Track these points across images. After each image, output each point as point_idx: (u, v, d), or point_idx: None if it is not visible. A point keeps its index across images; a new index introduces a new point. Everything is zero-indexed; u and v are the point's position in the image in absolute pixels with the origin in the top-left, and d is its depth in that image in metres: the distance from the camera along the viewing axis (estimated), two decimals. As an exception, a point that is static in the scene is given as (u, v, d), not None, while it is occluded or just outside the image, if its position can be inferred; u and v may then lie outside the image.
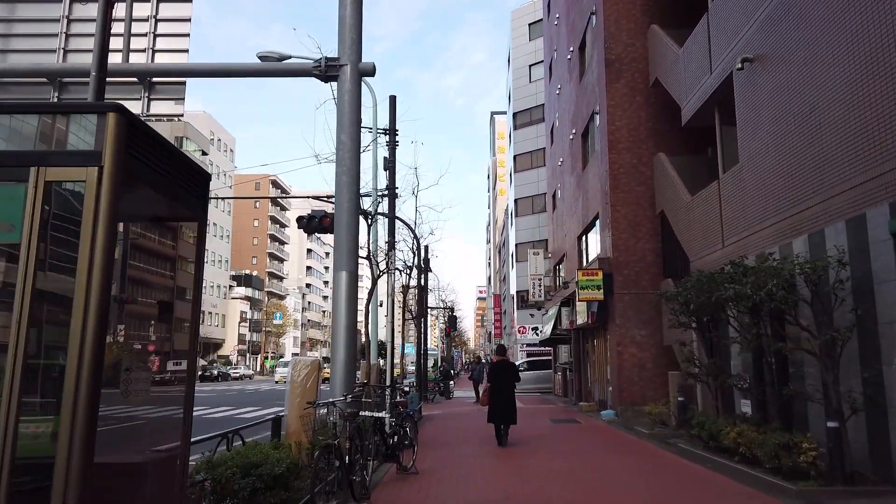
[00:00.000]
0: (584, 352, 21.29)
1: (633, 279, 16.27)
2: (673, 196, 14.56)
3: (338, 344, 8.68)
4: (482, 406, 11.99)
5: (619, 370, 15.91)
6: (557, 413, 18.65)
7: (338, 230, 9.24)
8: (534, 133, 45.94)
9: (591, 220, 19.10)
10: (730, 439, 8.48)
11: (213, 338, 77.59)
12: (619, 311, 16.13)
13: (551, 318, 24.56)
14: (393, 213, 16.87)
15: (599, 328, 18.31)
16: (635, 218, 16.48)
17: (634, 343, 15.99)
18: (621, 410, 15.64)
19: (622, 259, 16.35)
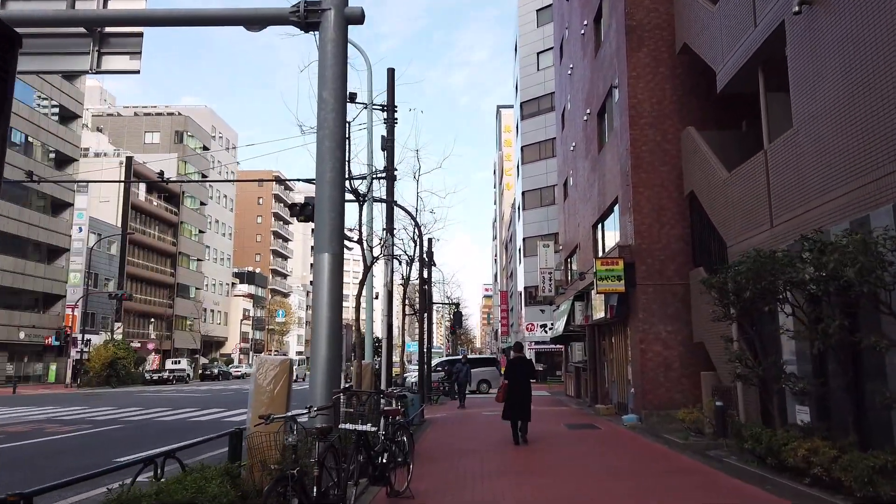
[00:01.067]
0: (600, 350, 19.66)
1: (658, 269, 14.64)
2: (705, 174, 12.92)
3: (318, 339, 7.14)
4: (498, 402, 11.89)
5: (642, 370, 14.29)
6: (572, 416, 17.03)
7: (319, 205, 7.68)
8: (542, 123, 44.29)
9: (609, 206, 17.46)
10: (798, 457, 6.86)
11: (215, 336, 76.36)
12: (642, 304, 14.51)
13: (563, 313, 22.93)
14: (391, 197, 15.31)
15: (619, 324, 16.68)
16: (659, 201, 14.85)
17: (659, 340, 14.36)
18: (645, 415, 14.02)
19: (645, 247, 14.72)
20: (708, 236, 13.35)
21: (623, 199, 15.72)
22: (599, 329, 19.57)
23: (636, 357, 14.68)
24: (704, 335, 13.03)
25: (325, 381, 7.02)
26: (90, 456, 10.41)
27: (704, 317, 12.98)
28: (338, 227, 7.64)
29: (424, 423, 16.26)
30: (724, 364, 11.82)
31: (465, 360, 23.79)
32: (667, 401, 14.05)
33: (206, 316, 74.61)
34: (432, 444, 11.75)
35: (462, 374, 21.74)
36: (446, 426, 15.56)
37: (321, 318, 7.22)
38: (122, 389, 40.22)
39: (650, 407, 14.06)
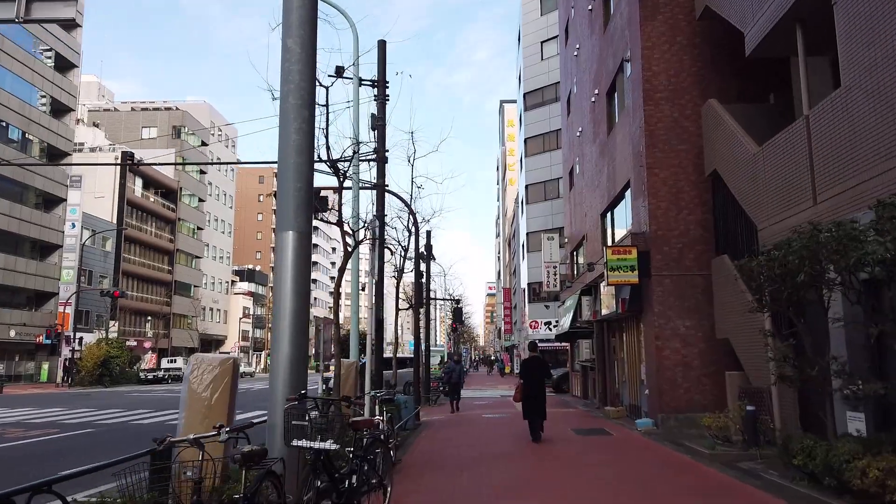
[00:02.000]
0: (609, 348, 18.30)
1: (675, 258, 13.27)
2: (731, 149, 11.55)
3: (279, 335, 5.87)
4: (515, 402, 12.29)
5: (658, 370, 12.93)
6: (580, 420, 15.68)
7: (283, 175, 6.40)
8: (546, 114, 42.90)
9: (620, 191, 16.09)
10: (868, 479, 5.51)
11: (214, 334, 75.22)
12: (658, 297, 13.15)
13: (570, 308, 21.58)
14: (381, 180, 13.98)
15: (631, 319, 15.32)
16: (677, 183, 13.47)
17: (677, 336, 13.00)
18: (661, 419, 12.67)
19: (661, 234, 13.35)
20: (733, 220, 11.98)
21: (636, 182, 14.35)
22: (609, 325, 18.21)
23: (651, 355, 13.33)
24: (730, 330, 11.66)
25: (286, 385, 5.73)
26: (18, 470, 9.11)
27: (729, 310, 11.63)
28: (304, 201, 6.34)
29: (419, 426, 14.95)
30: (753, 362, 10.47)
31: (458, 359, 21.44)
32: (686, 403, 12.69)
33: (206, 314, 73.51)
34: (424, 454, 10.42)
35: (455, 375, 19.40)
36: (443, 430, 14.24)
37: (283, 308, 5.93)
38: (114, 389, 38.97)
39: (667, 410, 12.70)
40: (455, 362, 20.50)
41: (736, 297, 11.22)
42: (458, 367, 19.99)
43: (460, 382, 20.02)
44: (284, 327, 5.87)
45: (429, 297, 25.13)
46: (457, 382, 19.44)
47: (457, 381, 19.52)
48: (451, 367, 19.95)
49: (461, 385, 20.50)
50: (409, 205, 16.07)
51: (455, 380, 19.41)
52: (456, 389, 19.34)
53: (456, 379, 19.44)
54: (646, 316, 13.76)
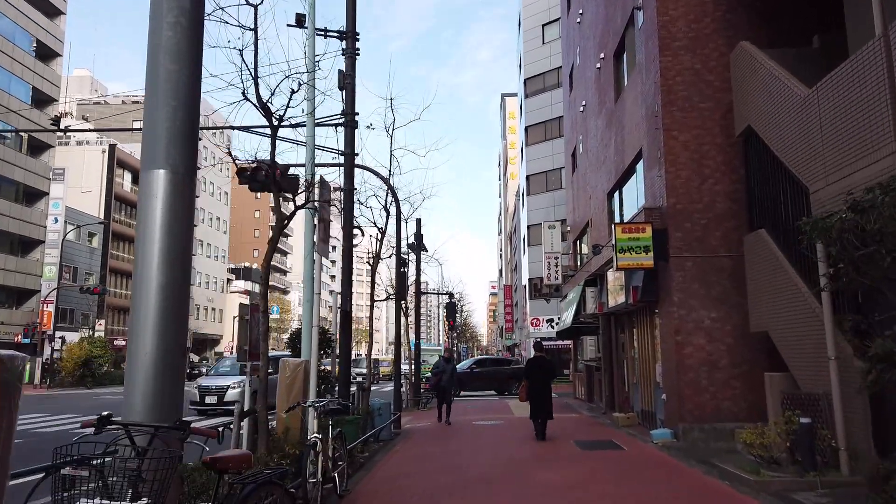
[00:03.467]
0: (617, 345, 16.12)
1: (699, 236, 11.09)
2: (771, 97, 9.37)
3: (140, 318, 3.74)
4: (521, 402, 12.42)
5: (678, 370, 10.76)
6: (584, 429, 13.52)
7: (150, 89, 4.33)
8: (548, 100, 40.71)
9: (630, 165, 13.92)
10: None
11: (209, 333, 73.30)
12: (678, 283, 10.97)
13: (572, 302, 19.41)
14: (350, 148, 11.86)
15: (644, 311, 13.14)
16: (700, 147, 11.30)
17: (701, 330, 10.82)
18: (683, 430, 10.49)
19: (681, 208, 11.17)
20: (773, 187, 9.79)
21: (650, 149, 12.18)
22: (617, 319, 16.02)
23: (669, 352, 11.15)
24: (769, 321, 9.48)
25: (148, 393, 3.65)
26: None
27: (769, 296, 9.45)
28: (183, 129, 4.27)
29: (397, 436, 12.82)
30: (803, 361, 8.30)
31: (449, 358, 16.68)
32: (712, 411, 10.52)
33: (200, 313, 71.61)
34: (387, 479, 8.27)
35: (445, 378, 15.34)
36: (423, 442, 12.10)
37: (146, 285, 3.84)
38: (94, 391, 36.75)
39: (690, 419, 10.53)
40: (445, 361, 16.28)
41: (778, 279, 9.06)
42: (449, 367, 15.74)
43: (451, 386, 15.89)
44: (148, 306, 3.78)
45: (419, 289, 22.99)
46: (446, 387, 15.38)
47: (447, 384, 15.42)
48: (441, 366, 16.03)
49: (452, 389, 16.27)
50: (387, 180, 13.94)
51: (445, 383, 15.38)
52: (445, 395, 15.35)
53: (446, 382, 15.39)
54: (663, 306, 11.59)
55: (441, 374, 15.63)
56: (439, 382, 15.68)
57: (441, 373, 15.66)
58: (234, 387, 17.29)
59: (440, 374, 15.75)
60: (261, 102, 7.10)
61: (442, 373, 15.61)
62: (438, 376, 15.85)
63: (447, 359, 16.49)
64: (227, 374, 19.06)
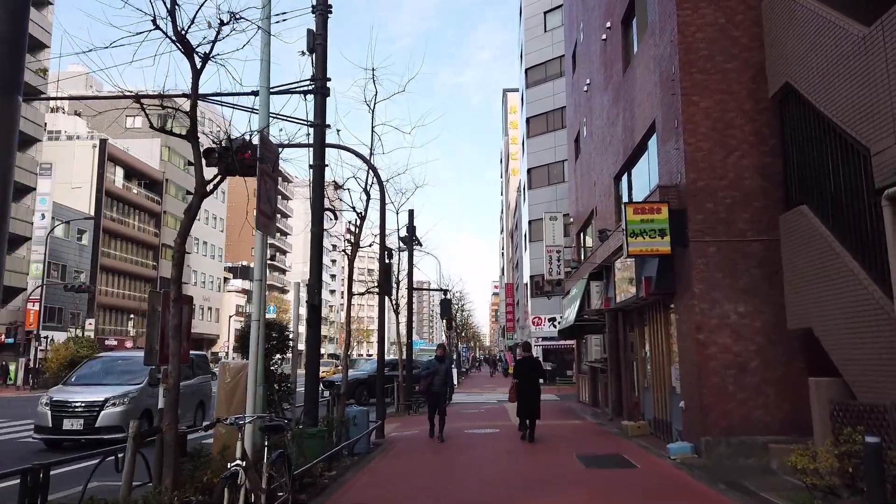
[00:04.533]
0: (625, 344, 14.54)
1: (723, 218, 9.51)
2: (816, 47, 7.78)
3: None
4: (511, 402, 12.53)
5: (699, 374, 9.18)
6: (588, 439, 11.95)
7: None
8: (550, 90, 39.14)
9: (640, 141, 12.34)
10: None
11: (206, 333, 71.82)
12: (699, 272, 9.39)
13: (575, 298, 17.84)
14: (322, 119, 10.33)
15: (657, 305, 11.56)
16: (724, 115, 9.72)
17: (726, 327, 9.24)
18: (706, 445, 8.92)
19: (703, 185, 9.59)
20: (819, 152, 8.19)
21: (665, 119, 10.60)
22: (626, 315, 14.44)
23: (689, 353, 9.58)
24: (815, 316, 7.90)
25: None
26: None
27: (814, 285, 7.87)
28: None
29: (376, 449, 11.27)
30: (860, 364, 6.72)
31: (442, 357, 12.96)
32: (741, 422, 8.95)
33: (196, 312, 70.17)
34: None
35: (438, 381, 12.26)
36: (407, 456, 10.54)
37: None
38: None
39: (715, 431, 8.95)
40: (438, 360, 12.78)
41: (826, 264, 7.48)
42: (442, 368, 12.56)
43: (445, 391, 12.97)
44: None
45: (411, 285, 21.45)
46: (438, 392, 12.31)
47: (440, 388, 12.33)
48: (433, 366, 12.64)
49: (446, 395, 13.45)
50: (367, 159, 12.36)
51: (437, 387, 12.27)
52: (438, 401, 12.28)
53: (439, 385, 12.31)
54: (681, 300, 10.01)
55: (432, 376, 12.31)
56: (430, 386, 12.30)
57: (433, 374, 12.32)
58: (116, 403, 11.43)
59: (431, 375, 12.35)
60: (177, 34, 5.55)
61: (434, 374, 12.30)
62: (430, 378, 12.34)
63: (440, 357, 12.77)
64: (100, 383, 12.31)
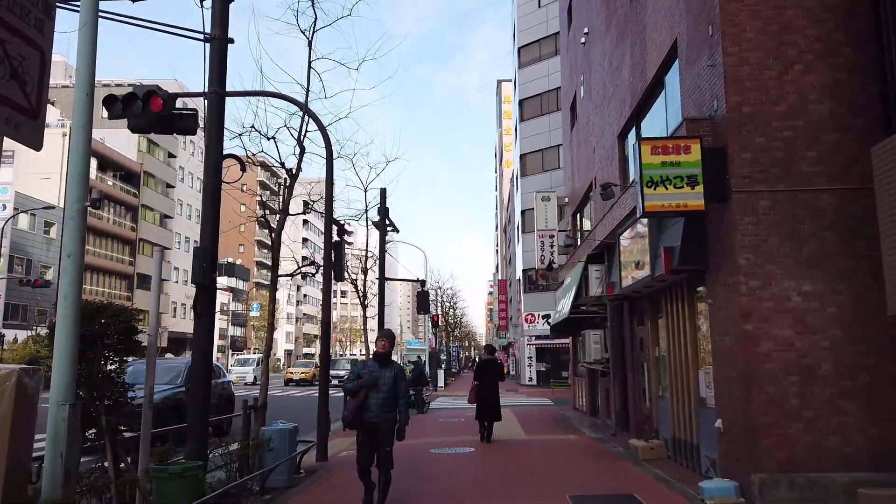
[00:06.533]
0: (633, 340, 11.67)
1: (781, 160, 6.67)
2: None
3: None
4: (470, 403, 11.86)
5: (746, 380, 6.35)
6: (587, 464, 9.09)
7: None
8: (544, 70, 36.31)
9: (656, 76, 9.50)
10: None
11: (187, 333, 68.81)
12: (747, 235, 6.55)
13: (570, 286, 14.98)
14: (223, 30, 7.55)
15: (678, 287, 8.68)
16: (778, 15, 6.87)
17: (787, 314, 6.40)
18: (761, 484, 6.07)
19: (751, 111, 6.75)
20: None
21: (693, 31, 7.76)
22: (633, 305, 11.58)
23: (730, 351, 6.75)
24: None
25: None
26: None
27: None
28: None
29: (306, 479, 8.41)
30: None
31: (386, 355, 6.39)
32: (810, 451, 6.12)
33: (177, 310, 67.31)
34: None
35: (376, 400, 6.20)
36: (343, 494, 7.64)
37: None
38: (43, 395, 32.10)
39: (771, 464, 6.11)
40: (379, 360, 6.40)
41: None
42: (386, 376, 6.29)
43: (392, 420, 6.33)
44: None
45: (382, 275, 18.57)
46: (376, 424, 6.22)
47: (378, 416, 6.21)
48: (367, 371, 6.35)
49: (396, 428, 6.34)
50: (302, 104, 9.48)
51: (374, 413, 6.20)
52: (375, 443, 6.26)
53: (377, 410, 6.21)
54: (717, 277, 7.15)
55: (364, 392, 6.27)
56: (362, 411, 6.24)
57: (365, 387, 6.27)
58: None
59: (362, 389, 6.27)
60: None
61: (367, 387, 6.27)
62: (360, 396, 6.27)
63: (381, 357, 6.40)
64: None
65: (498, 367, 12.19)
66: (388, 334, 6.54)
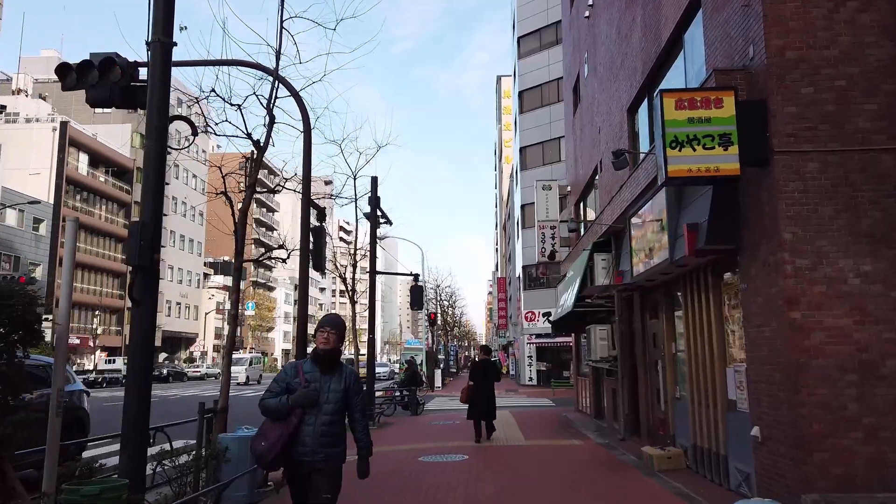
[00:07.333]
0: (646, 335, 10.52)
1: (832, 113, 5.55)
2: None
3: None
4: (463, 403, 11.76)
5: (793, 380, 5.23)
6: (595, 478, 7.94)
7: None
8: (545, 60, 35.21)
9: (672, 36, 8.38)
10: None
11: (182, 332, 67.82)
12: (793, 205, 5.43)
13: (573, 279, 13.84)
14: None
15: (701, 273, 7.53)
16: (829, -58, 5.76)
17: (842, 299, 5.29)
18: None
19: (796, 56, 5.63)
20: None
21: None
22: (645, 295, 10.44)
23: (769, 343, 5.62)
24: None
25: None
26: None
27: None
28: None
29: (270, 495, 7.30)
30: None
31: (330, 353, 4.03)
32: (874, 466, 5.00)
33: (172, 309, 66.19)
34: None
35: (312, 427, 3.95)
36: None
37: None
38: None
39: (826, 482, 4.99)
40: (320, 360, 4.08)
41: None
42: (332, 387, 4.02)
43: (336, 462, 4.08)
44: None
45: (373, 268, 17.44)
46: (315, 465, 3.98)
47: (314, 455, 3.96)
48: (311, 375, 4.05)
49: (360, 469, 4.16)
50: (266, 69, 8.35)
51: (309, 449, 3.95)
52: (327, 487, 4.00)
53: (314, 446, 3.96)
54: (754, 256, 6.02)
55: (297, 416, 4.00)
56: (293, 446, 3.99)
57: (302, 406, 4.00)
58: None
59: (293, 412, 4.00)
60: None
61: (301, 405, 4.00)
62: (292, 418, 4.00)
63: (324, 356, 4.08)
64: None
65: (493, 367, 12.20)
66: (334, 321, 4.16)
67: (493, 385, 11.64)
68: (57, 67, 6.92)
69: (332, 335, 4.10)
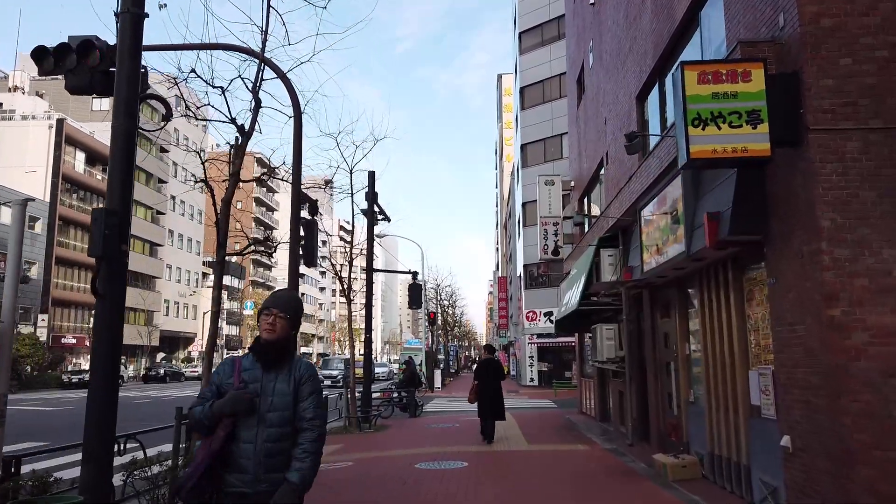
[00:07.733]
0: (656, 335, 9.94)
1: (873, 87, 4.99)
2: None
3: None
4: (470, 403, 11.72)
5: (830, 382, 4.66)
6: (603, 488, 7.35)
7: None
8: (546, 56, 34.63)
9: (687, 12, 7.80)
10: None
11: (180, 331, 67.30)
12: (831, 189, 4.87)
13: (578, 276, 13.26)
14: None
15: (720, 268, 6.95)
16: None
17: (889, 294, 4.71)
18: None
19: (831, 24, 5.07)
20: None
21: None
22: (655, 293, 9.86)
23: (803, 344, 5.05)
24: None
25: None
26: None
27: None
28: None
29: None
30: None
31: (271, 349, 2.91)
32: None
33: (170, 309, 65.64)
34: None
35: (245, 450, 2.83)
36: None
37: None
38: (21, 395, 30.26)
39: (873, 500, 4.42)
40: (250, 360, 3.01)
41: None
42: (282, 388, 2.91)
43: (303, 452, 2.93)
44: None
45: (370, 264, 16.87)
46: None
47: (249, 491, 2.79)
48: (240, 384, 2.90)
49: None
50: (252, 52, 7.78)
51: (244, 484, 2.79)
52: None
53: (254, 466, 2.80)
54: (782, 246, 5.45)
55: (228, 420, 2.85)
56: (224, 453, 2.83)
57: (232, 414, 2.85)
58: None
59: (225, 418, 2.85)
60: None
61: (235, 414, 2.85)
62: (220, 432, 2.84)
63: (267, 352, 2.97)
64: None
65: (498, 366, 11.95)
66: (282, 300, 3.03)
67: (499, 383, 11.47)
68: (33, 51, 6.43)
69: (279, 320, 2.93)
